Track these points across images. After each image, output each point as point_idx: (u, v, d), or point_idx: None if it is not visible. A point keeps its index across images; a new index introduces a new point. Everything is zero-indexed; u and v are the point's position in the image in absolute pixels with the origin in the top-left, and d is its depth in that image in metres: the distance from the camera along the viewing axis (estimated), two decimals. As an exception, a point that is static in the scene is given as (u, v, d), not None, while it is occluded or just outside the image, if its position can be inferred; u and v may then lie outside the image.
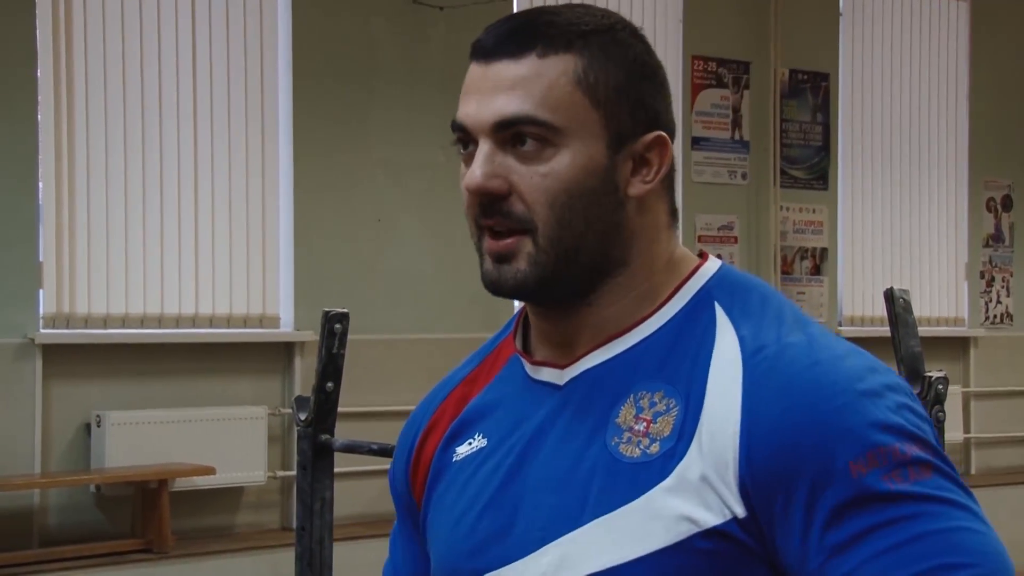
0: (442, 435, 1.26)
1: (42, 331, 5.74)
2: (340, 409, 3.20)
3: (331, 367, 3.04)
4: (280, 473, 6.32)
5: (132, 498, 5.85)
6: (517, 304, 1.24)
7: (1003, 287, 8.81)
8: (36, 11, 5.73)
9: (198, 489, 5.97)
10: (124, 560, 5.67)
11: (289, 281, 6.36)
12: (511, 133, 1.14)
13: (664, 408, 1.14)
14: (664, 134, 1.18)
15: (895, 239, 8.29)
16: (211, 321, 6.16)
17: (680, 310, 1.18)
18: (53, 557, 5.56)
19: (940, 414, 2.42)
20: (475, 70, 1.18)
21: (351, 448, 3.10)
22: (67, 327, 5.82)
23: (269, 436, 6.24)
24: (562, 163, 1.14)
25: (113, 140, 5.91)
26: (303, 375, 6.32)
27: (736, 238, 7.58)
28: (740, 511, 1.08)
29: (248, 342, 6.26)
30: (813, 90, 7.74)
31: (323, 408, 3.05)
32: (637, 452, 1.13)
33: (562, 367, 1.19)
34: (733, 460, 1.09)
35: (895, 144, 8.33)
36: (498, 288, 1.18)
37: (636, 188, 1.17)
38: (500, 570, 1.16)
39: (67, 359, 5.81)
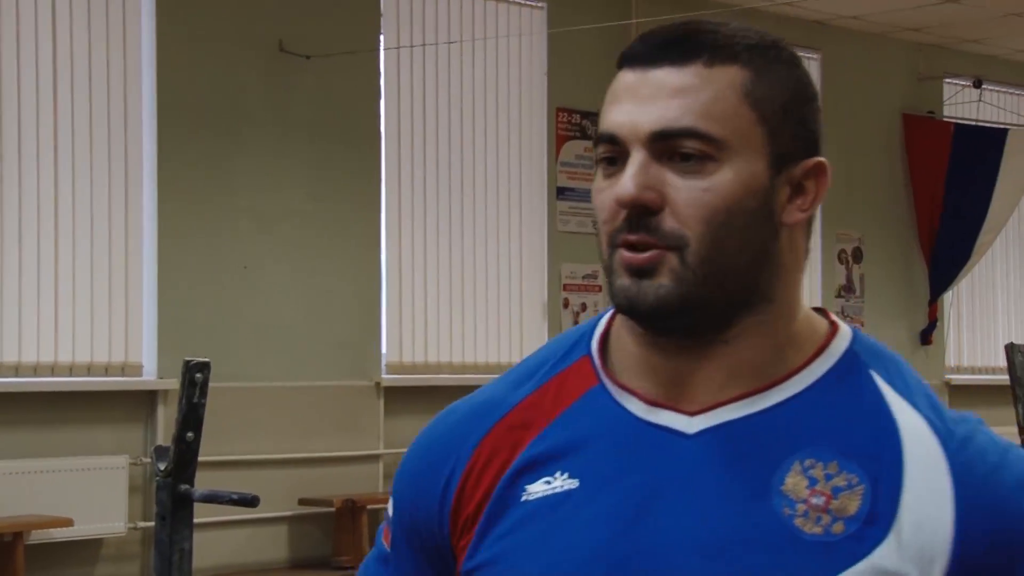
0: (503, 468, 1.10)
1: None
2: (201, 458, 3.17)
3: (192, 416, 3.04)
4: (141, 524, 6.22)
5: (-14, 551, 5.71)
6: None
7: (856, 335, 9.09)
8: None
9: (55, 541, 5.85)
10: (-23, 615, 5.53)
11: (152, 328, 6.29)
12: (670, 144, 1.05)
13: (845, 484, 1.05)
14: (824, 161, 1.09)
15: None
16: (71, 369, 6.06)
17: (830, 369, 1.09)
18: (-99, 613, 5.40)
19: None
20: (629, 77, 1.07)
21: (211, 498, 3.09)
22: (-81, 375, 5.68)
23: (130, 486, 6.14)
24: (724, 179, 1.04)
25: (-29, 185, 5.81)
26: (166, 423, 6.25)
27: (600, 287, 7.72)
28: None
29: (110, 390, 6.17)
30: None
31: (183, 458, 3.04)
32: (819, 529, 1.04)
33: (689, 413, 1.07)
34: (943, 552, 1.04)
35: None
36: (635, 305, 1.05)
37: (792, 216, 1.08)
38: None
39: (-81, 408, 5.67)
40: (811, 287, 8.88)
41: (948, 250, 9.18)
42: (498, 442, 1.11)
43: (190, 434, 3.03)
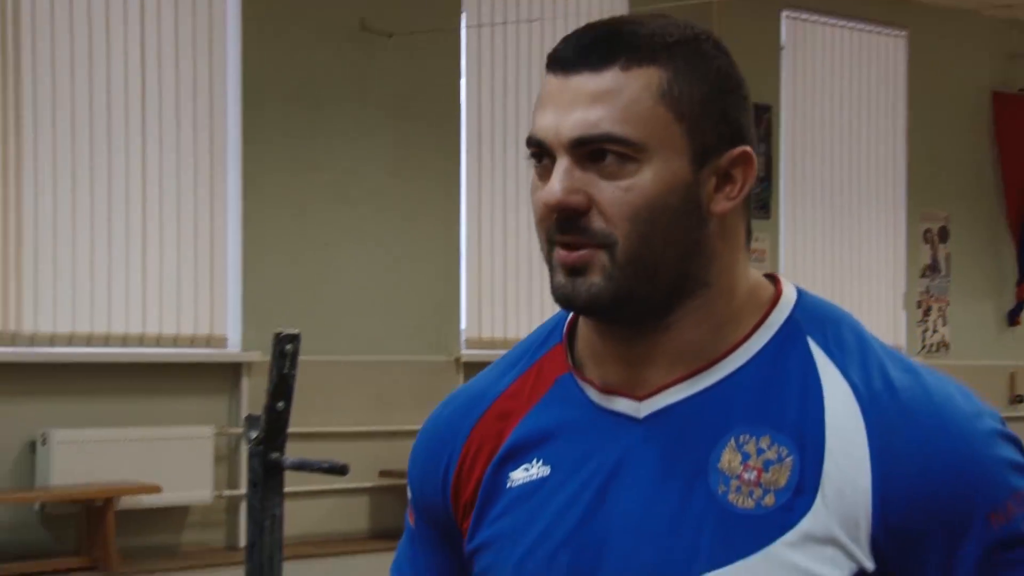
0: (491, 456, 1.18)
1: (-11, 349, 5.76)
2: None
3: (282, 387, 3.10)
4: (226, 492, 6.35)
5: (77, 516, 5.86)
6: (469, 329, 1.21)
7: (940, 317, 9.00)
8: (-12, 31, 5.77)
9: (144, 508, 6.00)
10: (69, 578, 5.69)
11: (237, 302, 6.40)
12: (591, 148, 1.09)
13: (775, 457, 1.09)
14: (749, 149, 1.12)
15: (835, 268, 8.47)
16: (158, 341, 6.19)
17: (769, 342, 1.13)
18: (-3, 575, 5.57)
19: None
20: (552, 82, 1.11)
21: (301, 466, 3.15)
22: (13, 345, 5.83)
23: (216, 455, 6.27)
24: (645, 179, 1.09)
25: (62, 161, 5.94)
26: (250, 395, 6.37)
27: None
28: (869, 565, 1.07)
29: (196, 362, 6.29)
30: (755, 121, 7.87)
31: (274, 427, 3.10)
32: (750, 503, 1.09)
33: (639, 398, 1.13)
34: (865, 516, 1.07)
35: (836, 175, 8.51)
36: (570, 301, 1.11)
37: (720, 205, 1.11)
38: None
39: (13, 377, 5.82)
40: (895, 267, 8.80)
41: (1038, 229, 9.06)
42: (486, 431, 1.18)
43: (280, 404, 3.09)
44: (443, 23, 6.88)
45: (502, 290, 7.19)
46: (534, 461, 1.15)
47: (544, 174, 1.12)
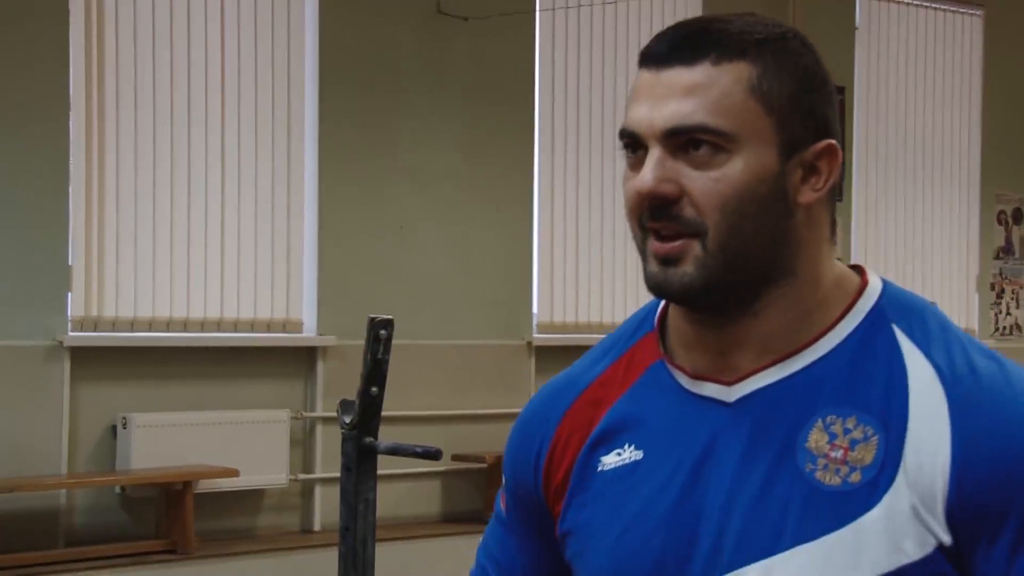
0: (582, 441, 1.24)
1: (70, 334, 5.81)
2: None
3: (376, 372, 3.10)
4: (301, 476, 6.39)
5: (156, 499, 5.92)
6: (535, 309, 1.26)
7: (1013, 299, 8.88)
8: (70, 18, 5.81)
9: (221, 491, 6.04)
10: (148, 560, 5.73)
11: (312, 286, 6.43)
12: (683, 140, 1.14)
13: (861, 436, 1.13)
14: (834, 143, 1.17)
15: (908, 250, 8.37)
16: (235, 325, 6.23)
17: (855, 329, 1.17)
18: (78, 557, 5.62)
19: None
20: (645, 76, 1.17)
21: (395, 451, 3.15)
22: (95, 330, 5.89)
23: (291, 439, 6.30)
24: (735, 169, 1.14)
25: (142, 146, 5.99)
26: (325, 379, 6.40)
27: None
28: (947, 539, 1.11)
29: (271, 346, 6.33)
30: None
31: (367, 412, 3.11)
32: (837, 480, 1.13)
33: (728, 383, 1.18)
34: (943, 491, 1.10)
35: (909, 156, 8.41)
36: (663, 290, 1.16)
37: (806, 196, 1.17)
38: None
39: (94, 362, 5.89)
40: (968, 248, 8.69)
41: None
42: (577, 417, 1.24)
43: (374, 388, 3.10)
44: (518, 6, 6.86)
45: (574, 274, 7.17)
46: (626, 446, 1.21)
47: (636, 164, 1.17)
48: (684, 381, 1.20)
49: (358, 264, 6.52)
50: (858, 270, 1.22)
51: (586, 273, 7.18)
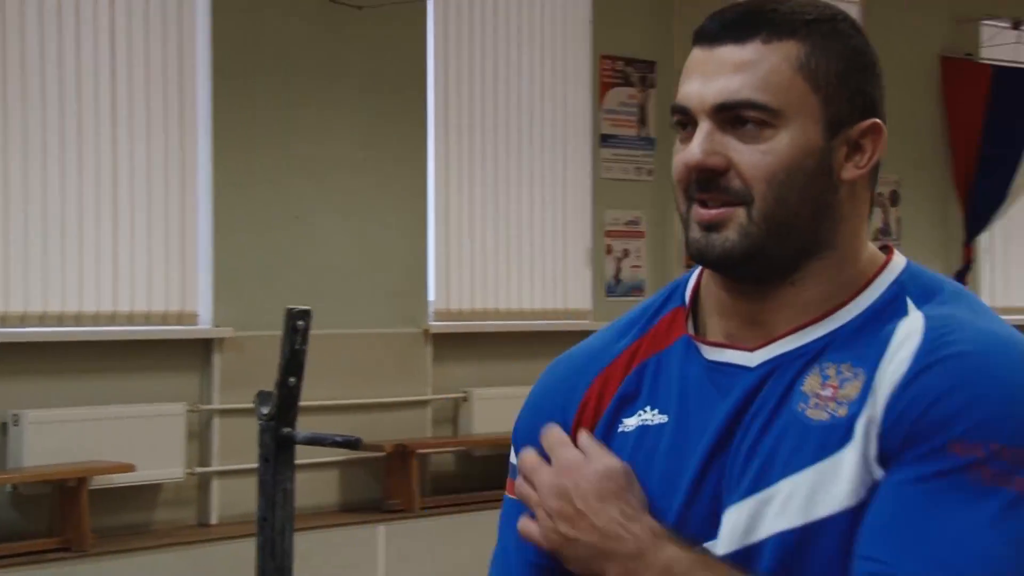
0: (604, 407, 1.28)
1: (-42, 329, 5.68)
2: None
3: (293, 362, 3.12)
4: (198, 469, 6.32)
5: (50, 496, 5.81)
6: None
7: (892, 279, 9.15)
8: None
9: (117, 487, 5.96)
10: (42, 559, 5.63)
11: (208, 278, 6.36)
12: (732, 114, 1.19)
13: (851, 375, 1.18)
14: (880, 122, 1.23)
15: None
16: (130, 319, 6.14)
17: (875, 301, 1.22)
18: (-30, 558, 5.51)
19: None
20: (698, 54, 1.22)
21: (313, 440, 3.17)
22: (-17, 325, 5.76)
23: (188, 432, 6.24)
24: (781, 143, 1.19)
25: (31, 137, 5.85)
26: (222, 371, 6.34)
27: (643, 232, 7.77)
28: (879, 463, 1.16)
29: (166, 339, 6.25)
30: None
31: (285, 402, 3.12)
32: (825, 416, 1.18)
33: (750, 349, 1.23)
34: (881, 414, 1.15)
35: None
36: (704, 255, 1.21)
37: (850, 172, 1.22)
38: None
39: (-17, 358, 5.76)
40: (849, 232, 8.93)
41: (984, 192, 9.22)
42: (604, 386, 1.28)
43: (292, 379, 3.11)
44: (410, -6, 6.86)
45: (469, 262, 7.20)
46: (647, 408, 1.25)
47: (686, 138, 1.22)
48: (707, 351, 1.25)
49: (254, 255, 6.47)
50: (886, 249, 1.27)
51: (481, 260, 7.22)
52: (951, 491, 1.12)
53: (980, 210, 9.27)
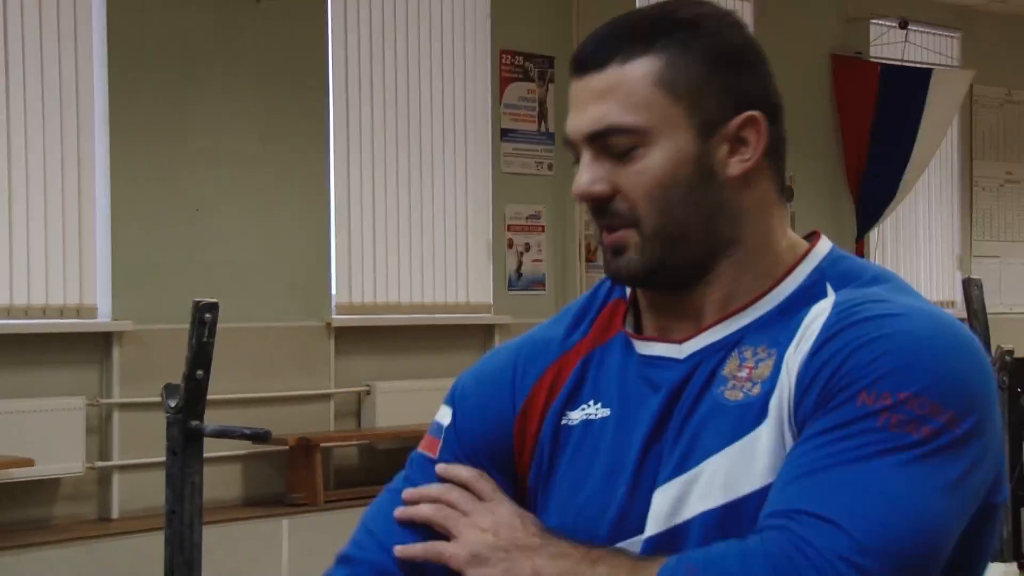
0: (553, 399, 1.31)
1: None
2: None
3: (201, 355, 3.14)
4: (98, 464, 6.28)
5: (-53, 493, 5.74)
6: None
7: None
8: None
9: (15, 481, 5.90)
10: (-61, 556, 5.57)
11: (106, 271, 6.31)
12: (604, 141, 1.23)
13: (765, 355, 1.22)
14: (756, 113, 1.24)
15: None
16: (26, 312, 6.08)
17: (796, 289, 1.25)
18: None
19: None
20: (574, 84, 1.26)
21: (222, 433, 3.19)
22: None
23: (88, 426, 6.19)
24: (654, 160, 1.22)
25: (-77, 128, 5.77)
26: (122, 365, 6.30)
27: (544, 227, 7.86)
28: (796, 434, 1.19)
29: (64, 332, 6.19)
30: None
31: (193, 395, 3.14)
32: (740, 395, 1.21)
33: (679, 341, 1.26)
34: (793, 387, 1.18)
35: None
36: (616, 278, 1.27)
37: (735, 168, 1.24)
38: (637, 537, 1.23)
39: None
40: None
41: (874, 188, 9.46)
42: (553, 377, 1.32)
43: (199, 372, 3.13)
44: (309, -13, 6.87)
45: (371, 255, 7.23)
46: (591, 402, 1.29)
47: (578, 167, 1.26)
48: (639, 346, 1.29)
49: (154, 248, 6.43)
50: (813, 235, 1.30)
51: (383, 254, 7.26)
52: (857, 436, 1.13)
53: (871, 206, 9.52)
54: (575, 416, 1.29)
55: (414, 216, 7.35)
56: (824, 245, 1.28)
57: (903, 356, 1.15)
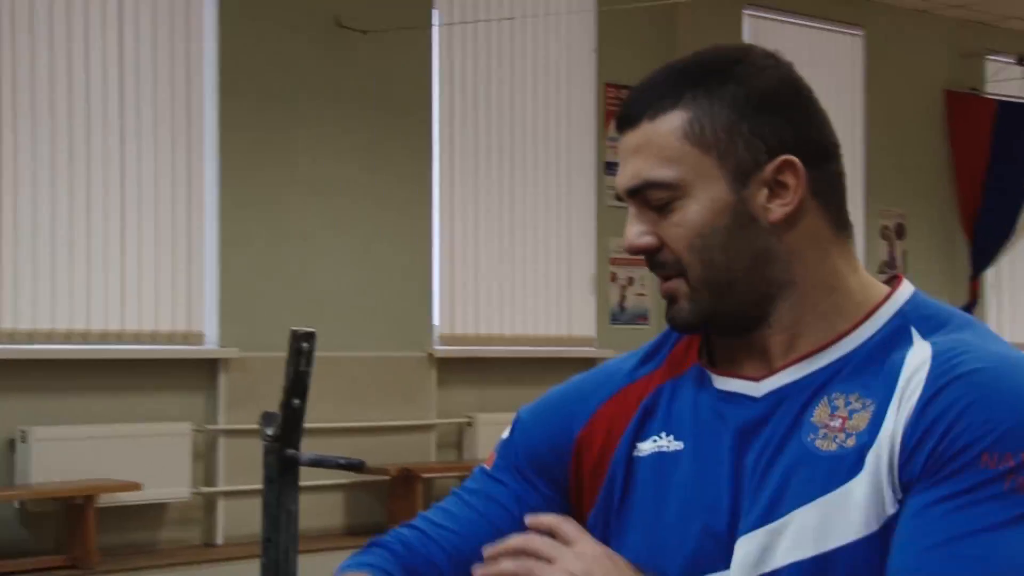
0: (621, 430, 1.31)
1: (-33, 346, 5.75)
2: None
3: (298, 384, 3.12)
4: (204, 489, 6.36)
5: (57, 514, 5.85)
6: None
7: (896, 310, 9.19)
8: (-35, 27, 5.75)
9: (123, 505, 6.00)
10: (49, 576, 5.68)
11: (214, 298, 6.42)
12: (643, 196, 1.24)
13: (860, 406, 1.20)
14: (791, 157, 1.22)
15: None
16: (137, 337, 6.20)
17: (878, 331, 1.23)
18: (-24, 573, 5.55)
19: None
20: (619, 140, 1.29)
21: (317, 463, 3.20)
22: (-8, 343, 5.82)
23: (194, 452, 6.28)
24: (690, 211, 1.22)
25: (40, 157, 5.93)
26: (228, 391, 6.39)
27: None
28: (899, 492, 1.16)
29: (173, 358, 6.30)
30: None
31: (289, 424, 3.15)
32: (833, 446, 1.19)
33: (756, 379, 1.25)
34: (899, 443, 1.16)
35: (796, 172, 8.66)
36: (673, 326, 1.27)
37: (776, 213, 1.23)
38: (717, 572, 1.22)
39: (-8, 374, 5.81)
40: (853, 262, 8.98)
41: (990, 227, 9.25)
42: (619, 406, 1.31)
43: (296, 400, 3.12)
44: (415, 21, 6.94)
45: (474, 286, 7.26)
46: (662, 434, 1.28)
47: None
48: (716, 380, 1.28)
49: (260, 275, 6.53)
50: (894, 280, 1.28)
51: (485, 285, 7.28)
52: (986, 503, 1.13)
53: (986, 244, 9.31)
54: (645, 447, 1.29)
55: (517, 248, 7.36)
56: (907, 288, 1.27)
57: (1018, 414, 1.14)
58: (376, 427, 6.89)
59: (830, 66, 8.82)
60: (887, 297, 1.25)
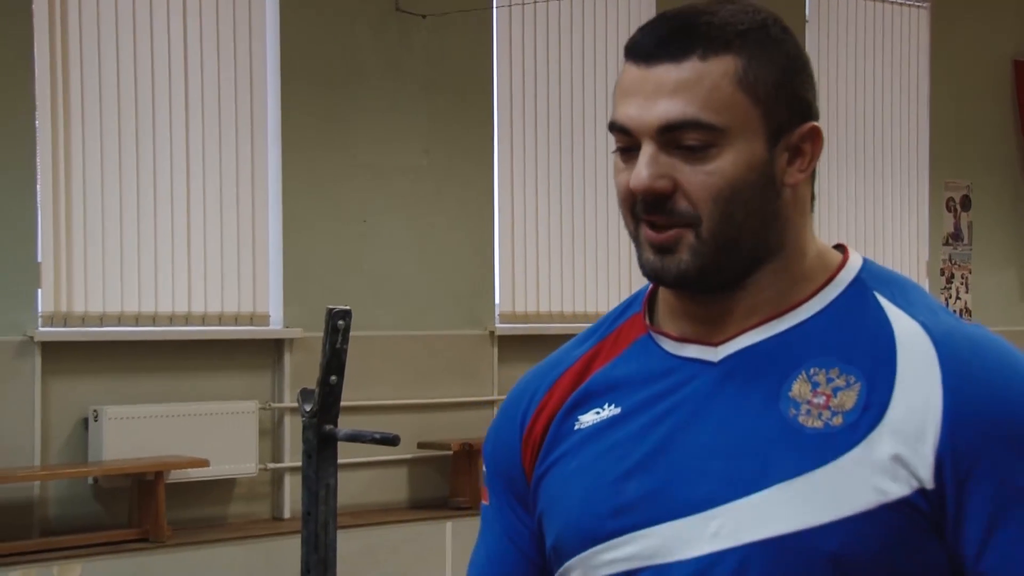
0: (560, 406, 1.27)
1: (41, 329, 5.94)
2: None
3: (335, 361, 3.25)
4: (271, 465, 6.53)
5: (129, 489, 6.05)
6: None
7: (962, 284, 9.12)
8: (34, 16, 5.93)
9: (192, 481, 6.18)
10: (122, 549, 5.85)
11: (278, 280, 6.57)
12: (675, 135, 1.17)
13: (844, 384, 1.18)
14: (817, 125, 1.21)
15: (860, 237, 8.59)
16: (203, 319, 6.38)
17: (839, 296, 1.22)
18: (53, 547, 5.75)
19: None
20: (633, 72, 1.19)
21: (354, 437, 3.31)
22: (65, 325, 6.02)
23: (260, 429, 6.45)
24: (726, 161, 1.17)
25: (108, 143, 6.11)
26: (292, 370, 6.55)
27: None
28: (930, 485, 1.15)
29: (239, 339, 6.47)
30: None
31: (327, 400, 3.26)
32: (819, 423, 1.17)
33: (714, 344, 1.22)
34: (934, 436, 1.14)
35: (859, 146, 8.63)
36: (660, 277, 1.20)
37: (792, 177, 1.21)
38: (651, 528, 1.19)
39: (65, 356, 6.01)
40: (919, 235, 8.91)
41: (1058, 197, 9.14)
42: (562, 388, 1.27)
43: (333, 377, 3.25)
44: (474, 3, 7.02)
45: (535, 264, 7.34)
46: (605, 405, 1.24)
47: (628, 158, 1.20)
48: (668, 345, 1.24)
49: (322, 257, 6.67)
50: (840, 248, 1.27)
51: (547, 263, 7.36)
52: None
53: (1054, 214, 9.19)
54: (586, 419, 1.25)
55: (577, 226, 7.43)
56: (857, 255, 1.26)
57: None
58: (438, 403, 7.01)
59: (895, 40, 8.75)
60: (842, 265, 1.24)
